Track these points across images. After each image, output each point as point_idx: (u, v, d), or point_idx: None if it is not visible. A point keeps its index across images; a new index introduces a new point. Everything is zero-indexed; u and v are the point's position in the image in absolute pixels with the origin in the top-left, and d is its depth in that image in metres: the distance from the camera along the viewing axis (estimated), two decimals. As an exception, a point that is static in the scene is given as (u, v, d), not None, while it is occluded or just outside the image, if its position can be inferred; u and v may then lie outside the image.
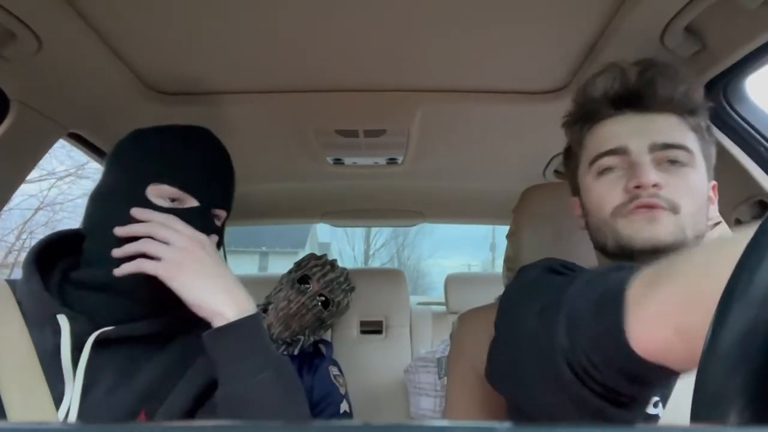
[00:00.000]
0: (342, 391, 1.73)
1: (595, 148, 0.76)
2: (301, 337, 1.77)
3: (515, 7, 0.84)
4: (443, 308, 2.28)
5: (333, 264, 1.90)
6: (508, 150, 1.47)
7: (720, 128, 0.94)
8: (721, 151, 0.90)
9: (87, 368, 0.71)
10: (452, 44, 0.95)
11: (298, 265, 1.89)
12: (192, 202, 0.78)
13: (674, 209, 0.69)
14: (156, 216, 0.74)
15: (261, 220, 2.42)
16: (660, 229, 0.69)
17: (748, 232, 0.31)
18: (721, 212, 0.98)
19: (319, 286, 1.81)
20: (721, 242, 0.43)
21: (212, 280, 0.71)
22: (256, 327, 0.71)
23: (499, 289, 1.08)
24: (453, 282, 2.24)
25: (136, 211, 0.74)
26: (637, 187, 0.70)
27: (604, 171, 0.75)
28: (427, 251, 17.47)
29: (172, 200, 0.77)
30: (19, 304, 0.76)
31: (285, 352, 1.74)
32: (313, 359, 1.77)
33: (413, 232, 16.51)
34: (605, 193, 0.74)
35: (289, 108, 1.20)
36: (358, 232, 16.03)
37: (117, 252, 0.72)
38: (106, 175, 0.82)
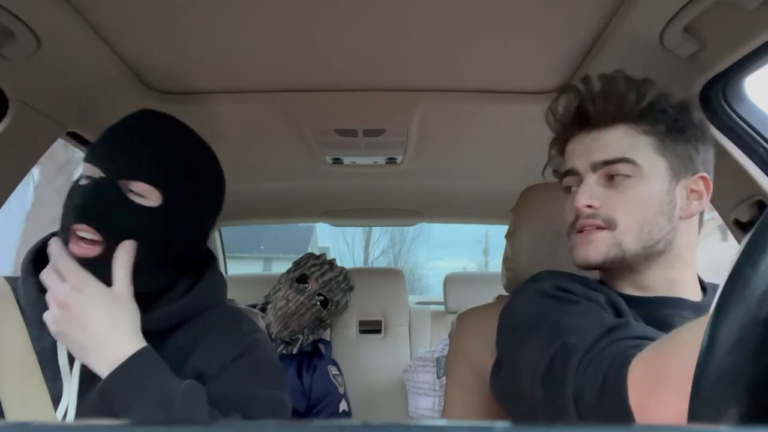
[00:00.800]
0: (341, 390, 1.73)
1: (560, 169, 0.83)
2: (300, 337, 1.77)
3: (514, 6, 0.84)
4: (442, 308, 2.28)
5: (332, 263, 1.90)
6: (507, 150, 1.47)
7: (719, 128, 0.94)
8: (720, 151, 0.90)
9: (84, 368, 0.71)
10: (451, 44, 0.95)
11: (297, 264, 1.89)
12: (97, 174, 0.74)
13: (611, 226, 0.74)
14: (53, 247, 0.72)
15: (260, 219, 2.42)
16: (590, 250, 0.74)
17: None
18: (720, 212, 0.99)
19: (318, 286, 1.81)
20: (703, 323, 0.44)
21: (80, 341, 0.69)
22: (135, 371, 0.69)
23: (498, 289, 1.09)
24: (452, 282, 2.24)
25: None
26: (576, 209, 0.75)
27: (566, 189, 0.82)
28: (423, 256, 17.63)
29: (89, 177, 0.74)
30: (19, 303, 0.76)
31: (284, 351, 1.74)
32: (311, 358, 1.77)
33: (409, 239, 16.72)
34: (566, 212, 0.80)
35: (288, 107, 1.19)
36: (358, 239, 16.14)
37: None
38: None
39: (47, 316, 0.70)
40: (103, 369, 0.68)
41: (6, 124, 0.99)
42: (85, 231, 0.71)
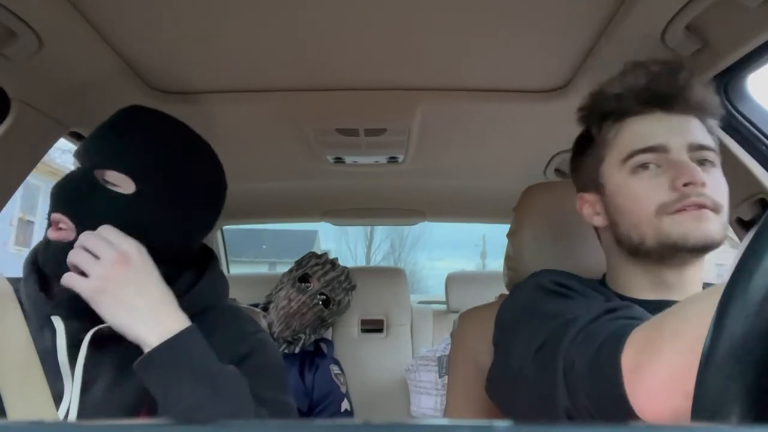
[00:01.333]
0: (343, 389, 1.74)
1: (629, 145, 0.74)
2: (302, 336, 1.77)
3: (516, 5, 0.84)
4: (444, 307, 2.28)
5: (333, 263, 1.90)
6: (509, 149, 1.47)
7: (721, 126, 0.94)
8: (722, 149, 0.89)
9: (86, 366, 0.70)
10: (453, 43, 0.95)
11: (299, 263, 1.89)
12: (77, 167, 0.76)
13: (717, 209, 0.69)
14: (100, 229, 0.71)
15: (261, 218, 2.42)
16: (710, 227, 0.69)
17: None
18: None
19: (320, 285, 1.82)
20: (718, 293, 0.43)
21: (133, 305, 0.68)
22: (184, 348, 0.68)
23: (500, 288, 1.09)
24: (454, 281, 2.24)
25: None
26: (686, 185, 0.69)
27: (640, 167, 0.73)
28: (423, 260, 17.74)
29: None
30: (21, 303, 0.76)
31: (286, 351, 1.74)
32: (314, 358, 1.77)
33: (409, 244, 16.79)
34: (647, 189, 0.72)
35: (289, 107, 1.19)
36: (360, 245, 16.24)
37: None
38: None
39: (89, 273, 0.68)
40: (152, 338, 0.67)
41: (8, 124, 1.00)
42: (61, 220, 0.73)
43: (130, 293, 0.68)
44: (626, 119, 0.76)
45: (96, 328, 0.72)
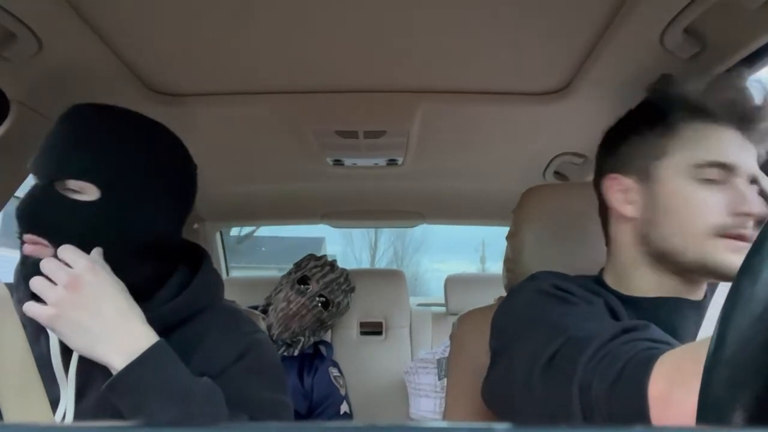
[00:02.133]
0: (342, 392, 1.74)
1: (704, 153, 0.71)
2: (301, 338, 1.77)
3: (515, 7, 0.84)
4: (443, 309, 2.28)
5: (333, 265, 1.90)
6: (508, 151, 1.47)
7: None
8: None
9: (81, 371, 0.70)
10: (452, 45, 0.95)
11: (298, 265, 1.89)
12: (36, 182, 0.73)
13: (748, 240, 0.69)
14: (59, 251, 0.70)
15: (261, 220, 2.42)
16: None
17: None
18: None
19: (319, 287, 1.82)
20: None
21: (87, 328, 0.66)
22: (151, 366, 0.66)
23: (499, 290, 1.09)
24: (453, 283, 2.23)
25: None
26: (747, 214, 0.68)
27: (708, 180, 0.71)
28: (425, 260, 17.84)
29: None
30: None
31: (285, 353, 1.74)
32: (313, 360, 1.77)
33: (412, 250, 16.91)
34: (710, 205, 0.69)
35: (288, 109, 1.19)
36: (365, 255, 16.41)
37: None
38: None
39: (45, 300, 0.66)
40: (116, 360, 0.65)
41: (7, 126, 0.99)
42: (35, 241, 0.71)
43: (85, 317, 0.66)
44: (708, 125, 0.72)
45: None
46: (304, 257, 1.94)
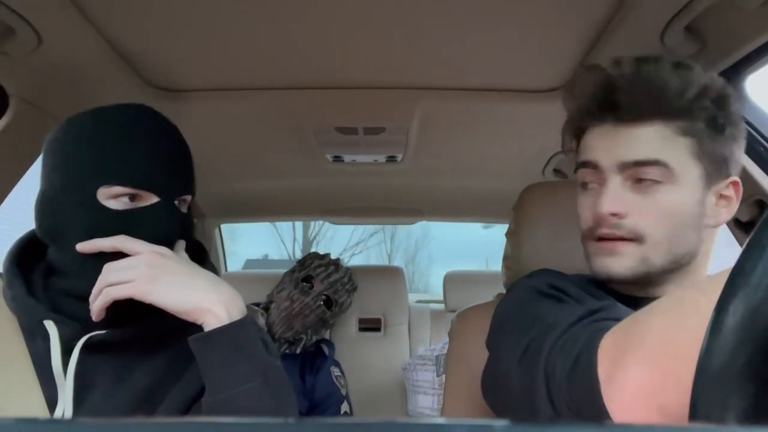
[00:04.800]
0: (343, 391, 1.73)
1: (578, 157, 0.73)
2: (303, 337, 1.77)
3: (515, 5, 0.84)
4: (442, 306, 2.28)
5: (337, 264, 1.89)
6: (508, 148, 1.47)
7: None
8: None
9: (80, 373, 0.69)
10: (452, 42, 0.95)
11: (302, 264, 1.88)
12: (152, 198, 0.71)
13: (639, 239, 0.66)
14: (104, 243, 0.68)
15: (261, 217, 2.42)
16: (614, 263, 0.67)
17: (711, 287, 0.33)
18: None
19: (323, 287, 1.81)
20: (685, 303, 0.42)
21: (193, 282, 0.67)
22: (246, 332, 0.68)
23: (498, 287, 1.09)
24: (451, 280, 2.24)
25: (81, 246, 0.69)
26: (600, 216, 0.67)
27: (582, 185, 0.72)
28: (427, 262, 17.94)
29: (131, 198, 0.70)
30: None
31: (287, 351, 1.74)
32: (315, 359, 1.77)
33: (413, 249, 16.99)
34: (582, 211, 0.72)
35: (288, 105, 1.19)
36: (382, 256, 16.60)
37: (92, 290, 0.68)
38: (50, 174, 0.73)
39: (122, 271, 0.66)
40: (221, 311, 0.66)
41: (6, 121, 0.99)
42: None
43: (182, 275, 0.67)
44: (585, 130, 0.72)
45: (90, 335, 0.70)
46: (308, 255, 1.93)
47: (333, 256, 1.93)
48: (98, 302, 0.67)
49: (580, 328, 0.55)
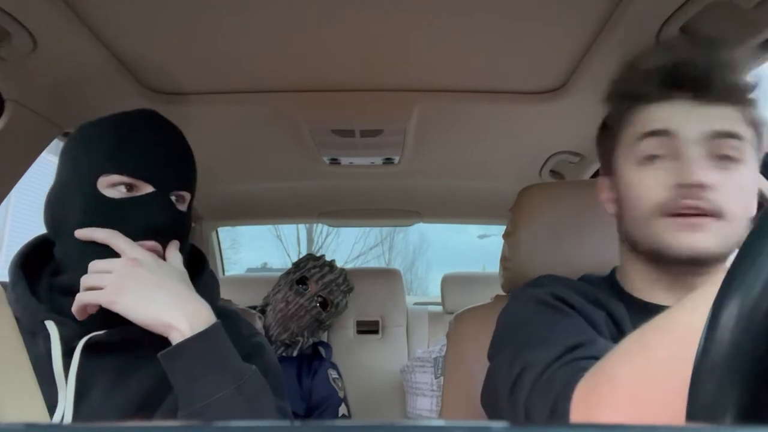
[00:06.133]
0: (341, 394, 1.73)
1: (639, 128, 0.68)
2: (300, 339, 1.77)
3: (511, 7, 0.84)
4: (440, 308, 2.28)
5: (332, 265, 1.89)
6: (505, 150, 1.47)
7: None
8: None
9: (80, 374, 0.69)
10: (449, 44, 0.95)
11: (297, 266, 1.88)
12: (147, 188, 0.74)
13: (720, 215, 0.62)
14: (97, 234, 0.71)
15: (258, 219, 2.42)
16: (701, 239, 0.62)
17: (672, 326, 0.35)
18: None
19: (318, 288, 1.81)
20: (649, 349, 0.42)
21: (156, 296, 0.67)
22: (214, 341, 0.68)
23: (495, 289, 1.09)
24: (449, 282, 2.24)
25: (79, 233, 0.72)
26: (688, 185, 0.62)
27: (648, 158, 0.67)
28: (425, 271, 18.02)
29: (128, 188, 0.73)
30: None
31: (284, 354, 1.74)
32: (311, 362, 1.77)
33: (411, 258, 17.06)
34: (648, 186, 0.66)
35: (285, 108, 1.19)
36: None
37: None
38: (58, 174, 0.78)
39: (96, 277, 0.68)
40: (183, 324, 0.66)
41: (2, 125, 0.99)
42: (152, 246, 0.74)
43: (148, 288, 0.68)
44: (652, 101, 0.68)
45: (90, 335, 0.71)
46: (303, 257, 1.93)
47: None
48: (75, 304, 0.68)
49: (558, 368, 0.55)
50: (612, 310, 0.69)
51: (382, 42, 0.94)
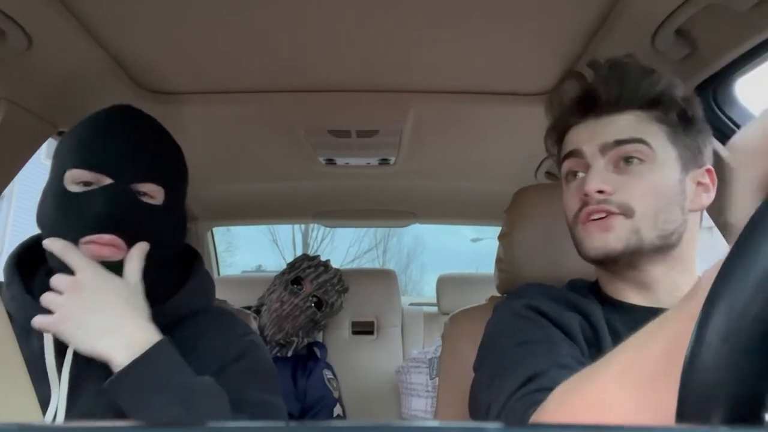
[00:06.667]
0: (335, 395, 1.73)
1: (562, 151, 0.78)
2: (295, 339, 1.76)
3: (507, 8, 0.84)
4: (435, 309, 2.28)
5: (326, 265, 1.89)
6: (500, 151, 1.47)
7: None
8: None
9: (73, 371, 0.69)
10: (444, 45, 0.95)
11: (292, 266, 1.88)
12: (105, 181, 0.73)
13: (627, 213, 0.69)
14: (54, 246, 0.70)
15: (253, 219, 2.41)
16: (610, 237, 0.70)
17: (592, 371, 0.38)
18: (710, 214, 0.99)
19: (312, 288, 1.81)
20: (603, 387, 0.43)
21: (95, 324, 0.67)
22: (155, 362, 0.67)
23: (491, 290, 1.09)
24: (445, 282, 2.24)
25: (45, 244, 0.71)
26: (585, 194, 0.71)
27: (569, 175, 0.77)
28: (419, 273, 18.08)
29: (87, 184, 0.73)
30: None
31: (278, 354, 1.73)
32: (306, 362, 1.76)
33: (405, 261, 17.13)
34: (568, 199, 0.77)
35: (281, 108, 1.19)
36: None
37: None
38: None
39: (50, 300, 0.67)
40: (118, 355, 0.65)
41: (-4, 123, 0.99)
42: (112, 241, 0.72)
43: (86, 315, 0.67)
44: (569, 129, 0.78)
45: None
46: (298, 257, 1.93)
47: None
48: (33, 323, 0.68)
49: (516, 401, 0.59)
50: (589, 313, 0.73)
51: (378, 43, 0.94)
